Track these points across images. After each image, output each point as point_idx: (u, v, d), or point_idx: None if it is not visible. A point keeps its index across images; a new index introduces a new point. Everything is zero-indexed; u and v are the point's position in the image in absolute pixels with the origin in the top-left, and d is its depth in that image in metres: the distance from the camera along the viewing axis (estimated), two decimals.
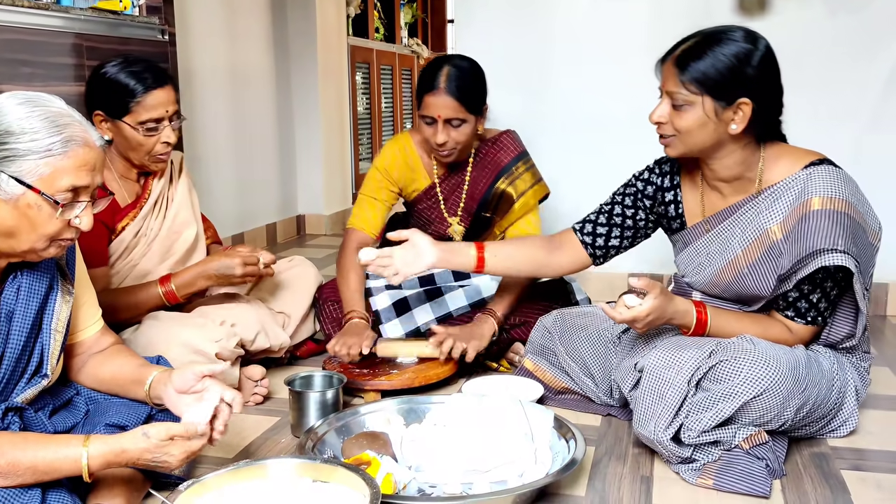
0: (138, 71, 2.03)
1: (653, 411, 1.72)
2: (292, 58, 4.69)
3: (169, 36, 2.79)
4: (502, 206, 2.50)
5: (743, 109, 1.74)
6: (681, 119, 1.77)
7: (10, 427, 1.43)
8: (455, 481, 1.64)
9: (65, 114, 1.38)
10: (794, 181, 1.79)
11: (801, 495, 1.65)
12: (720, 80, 1.72)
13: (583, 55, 3.29)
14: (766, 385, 1.67)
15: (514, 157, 2.50)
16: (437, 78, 2.31)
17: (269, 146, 4.52)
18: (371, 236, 2.53)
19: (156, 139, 2.05)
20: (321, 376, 2.05)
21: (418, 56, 7.00)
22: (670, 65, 1.77)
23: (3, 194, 1.34)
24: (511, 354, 2.41)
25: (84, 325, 1.66)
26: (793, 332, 1.84)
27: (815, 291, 1.80)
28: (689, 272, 1.98)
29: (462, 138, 2.36)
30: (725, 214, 1.89)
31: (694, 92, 1.74)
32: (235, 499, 1.48)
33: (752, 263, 1.83)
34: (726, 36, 1.75)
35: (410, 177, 2.55)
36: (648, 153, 3.18)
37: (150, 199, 2.16)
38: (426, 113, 2.34)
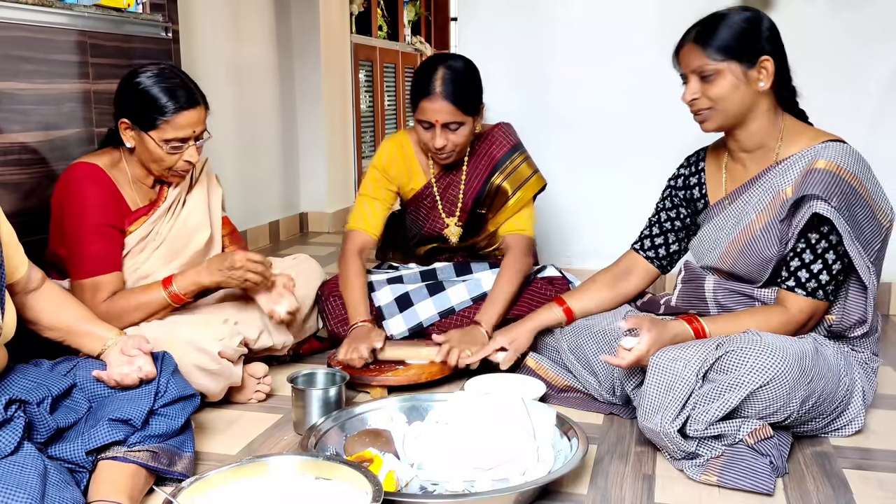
0: (172, 88, 2.01)
1: (660, 403, 1.72)
2: (295, 55, 4.69)
3: (172, 33, 2.79)
4: (497, 202, 2.49)
5: (766, 67, 1.86)
6: (714, 88, 1.87)
7: (15, 420, 1.44)
8: (457, 479, 1.64)
9: None
10: (809, 152, 1.88)
11: (803, 494, 1.65)
12: (741, 42, 1.85)
13: (585, 51, 3.29)
14: (772, 374, 1.68)
15: (508, 150, 2.49)
16: (432, 82, 2.28)
17: (272, 144, 4.52)
18: (372, 237, 2.52)
19: (178, 157, 2.05)
20: (324, 374, 2.06)
21: (421, 54, 6.99)
22: (690, 46, 1.88)
23: None
24: None
25: (16, 265, 1.69)
26: (790, 308, 1.85)
27: (815, 261, 1.83)
28: (702, 252, 2.04)
29: (461, 140, 2.35)
30: (746, 187, 1.97)
31: (720, 59, 1.84)
32: (238, 496, 1.49)
33: (763, 226, 1.90)
34: (731, 10, 1.91)
35: (407, 176, 2.55)
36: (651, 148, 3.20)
37: (165, 204, 2.15)
38: (423, 118, 2.32)
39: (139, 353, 1.69)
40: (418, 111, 2.32)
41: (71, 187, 2.02)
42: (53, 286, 1.80)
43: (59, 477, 1.41)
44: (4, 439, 1.40)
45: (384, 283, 2.52)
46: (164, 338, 1.88)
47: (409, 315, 2.44)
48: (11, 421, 1.43)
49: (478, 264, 2.58)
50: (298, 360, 2.49)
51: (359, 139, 5.47)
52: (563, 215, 3.37)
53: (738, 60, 1.85)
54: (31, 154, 2.22)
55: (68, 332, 1.77)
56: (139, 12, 2.67)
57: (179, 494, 1.43)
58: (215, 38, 3.86)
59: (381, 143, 2.59)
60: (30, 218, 2.16)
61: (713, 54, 1.85)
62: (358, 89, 5.43)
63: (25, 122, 2.20)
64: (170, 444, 1.66)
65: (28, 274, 1.73)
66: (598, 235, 3.38)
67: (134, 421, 1.59)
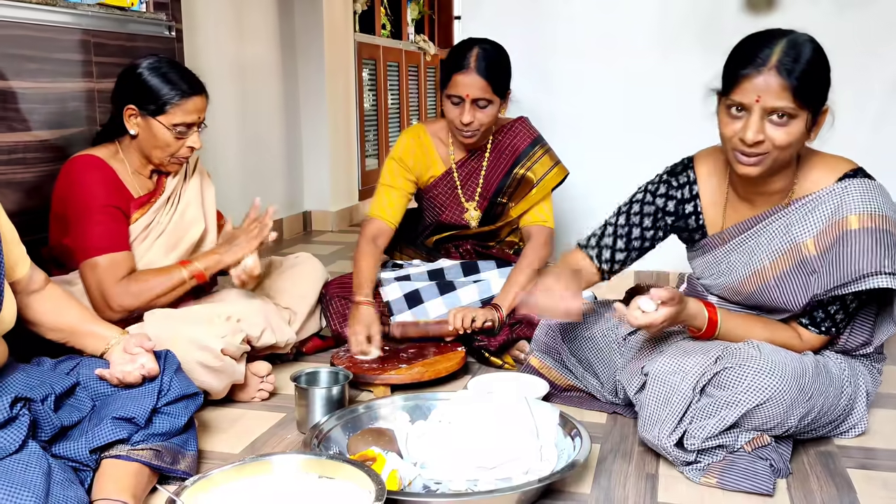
0: (181, 74, 2.09)
1: (657, 416, 1.72)
2: (299, 54, 4.69)
3: (176, 32, 2.79)
4: (520, 191, 2.54)
5: (822, 119, 1.67)
6: (784, 135, 1.62)
7: (20, 418, 1.44)
8: (460, 478, 1.64)
9: None
10: (830, 195, 1.71)
11: (806, 494, 1.65)
12: (820, 89, 1.63)
13: (589, 49, 3.29)
14: (769, 394, 1.66)
15: (532, 141, 2.56)
16: (467, 57, 2.35)
17: (275, 142, 4.52)
18: (390, 225, 2.55)
19: (182, 142, 2.10)
20: (327, 372, 2.06)
21: (425, 52, 6.99)
22: (774, 76, 1.59)
23: None
24: (516, 352, 2.41)
25: (16, 263, 1.70)
26: (803, 340, 1.82)
27: (834, 303, 1.77)
28: (706, 277, 1.95)
29: (486, 119, 2.40)
30: (751, 223, 1.82)
31: (801, 106, 1.60)
32: (241, 494, 1.49)
33: (779, 276, 1.78)
34: (809, 40, 1.64)
35: (426, 165, 2.58)
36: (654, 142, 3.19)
37: (164, 194, 2.18)
38: (454, 92, 2.37)
39: (141, 351, 1.69)
40: (450, 85, 2.38)
41: (73, 176, 2.05)
42: (56, 288, 1.81)
43: (63, 476, 1.42)
44: (9, 437, 1.40)
45: (392, 280, 2.54)
46: (167, 336, 1.88)
47: (418, 312, 2.46)
48: (16, 419, 1.43)
49: (485, 263, 2.59)
50: (301, 358, 2.49)
51: (362, 138, 5.47)
52: (569, 211, 3.37)
53: (812, 110, 1.62)
54: (35, 153, 2.22)
55: (71, 333, 1.77)
56: (143, 11, 2.67)
57: (183, 493, 1.43)
58: (219, 37, 3.86)
59: (399, 136, 2.65)
60: (33, 217, 2.17)
61: (797, 96, 1.58)
62: (361, 88, 5.43)
63: (29, 120, 2.20)
64: (173, 442, 1.66)
65: (29, 274, 1.74)
66: None
67: (137, 419, 1.60)
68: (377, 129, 5.85)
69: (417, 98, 6.86)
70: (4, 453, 1.38)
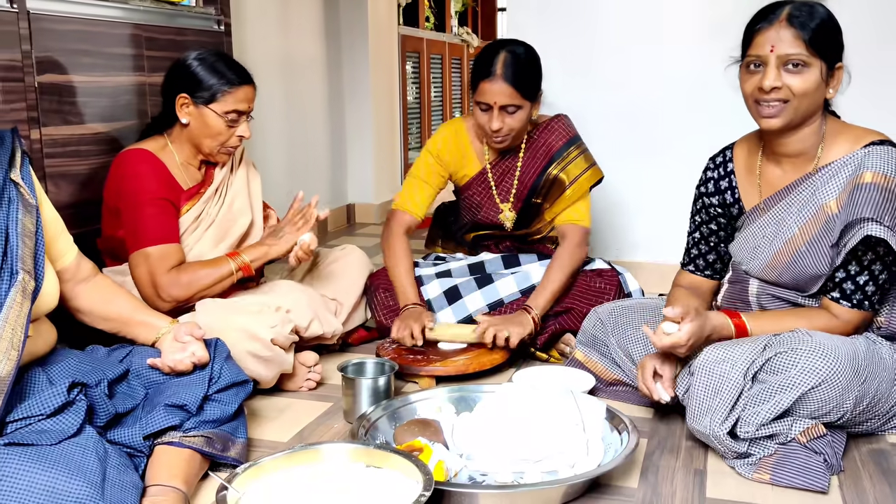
0: (231, 65, 2.16)
1: (708, 405, 1.70)
2: (344, 47, 4.72)
3: (224, 26, 2.82)
4: (553, 193, 2.49)
5: (837, 74, 1.76)
6: (801, 81, 1.72)
7: (77, 403, 1.48)
8: (506, 470, 1.64)
9: None
10: (852, 159, 1.77)
11: (859, 492, 1.62)
12: (833, 42, 1.73)
13: (635, 42, 3.25)
14: (823, 376, 1.64)
15: (567, 141, 2.50)
16: (493, 64, 2.30)
17: (320, 135, 4.55)
18: (417, 218, 2.55)
19: (233, 131, 2.14)
20: (373, 363, 2.07)
21: (468, 45, 6.98)
22: (784, 27, 1.72)
23: None
24: (562, 345, 2.40)
25: (63, 252, 1.73)
26: (838, 317, 1.80)
27: (861, 273, 1.76)
28: (744, 258, 1.95)
29: (517, 125, 2.36)
30: (783, 194, 1.86)
31: (814, 54, 1.71)
32: (291, 482, 1.51)
33: (809, 241, 1.80)
34: (818, 3, 1.77)
35: (461, 162, 2.56)
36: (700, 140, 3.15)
37: (213, 185, 2.21)
38: (482, 99, 2.33)
39: (192, 340, 1.72)
40: (478, 93, 2.35)
41: (124, 170, 2.09)
42: (106, 278, 1.85)
43: (118, 460, 1.45)
44: (67, 421, 1.44)
45: (433, 277, 2.54)
46: (219, 326, 1.91)
47: (458, 307, 2.45)
48: (73, 403, 1.47)
49: (526, 256, 2.58)
50: (347, 349, 2.51)
51: (405, 131, 5.48)
52: (613, 208, 3.35)
53: (826, 60, 1.72)
54: (88, 145, 2.27)
55: (122, 323, 1.80)
56: (192, 6, 2.71)
57: (234, 480, 1.45)
58: (265, 32, 3.90)
59: (439, 128, 2.62)
60: (86, 207, 2.22)
61: (809, 44, 1.70)
62: (405, 81, 5.45)
63: (83, 113, 2.25)
64: (223, 429, 1.69)
65: (77, 263, 1.77)
66: (646, 228, 3.35)
67: (189, 406, 1.63)
68: (420, 121, 5.86)
69: (460, 91, 6.85)
70: (63, 436, 1.41)
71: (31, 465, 1.30)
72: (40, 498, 1.28)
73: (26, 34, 2.05)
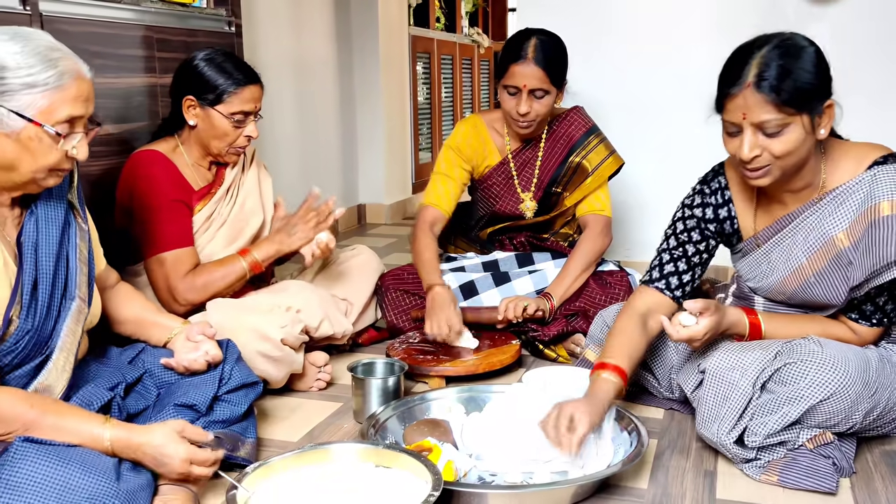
0: (237, 64, 2.15)
1: (716, 413, 1.69)
2: (355, 48, 4.73)
3: (235, 27, 2.83)
4: (575, 180, 2.54)
5: (828, 112, 1.63)
6: (780, 144, 1.60)
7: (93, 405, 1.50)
8: (515, 470, 1.65)
9: (55, 47, 1.42)
10: (859, 184, 1.67)
11: (871, 493, 1.61)
12: (814, 91, 1.59)
13: (644, 42, 3.24)
14: (833, 389, 1.62)
15: (586, 131, 2.55)
16: (524, 48, 2.35)
17: (331, 136, 4.56)
18: (444, 213, 2.56)
19: (240, 132, 2.14)
20: (383, 363, 2.08)
21: (479, 45, 6.98)
22: (751, 93, 1.58)
23: (3, 128, 1.37)
24: (571, 345, 2.40)
25: (96, 261, 1.73)
26: (857, 333, 1.78)
27: (881, 294, 1.73)
28: (752, 279, 1.91)
29: (543, 110, 2.40)
30: (785, 222, 1.78)
31: (791, 113, 1.57)
32: (301, 481, 1.51)
33: (818, 272, 1.74)
34: (793, 43, 1.62)
35: (482, 154, 2.59)
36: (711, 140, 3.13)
37: (224, 185, 2.22)
38: (511, 82, 2.37)
39: (204, 339, 1.73)
40: (507, 76, 2.38)
41: (138, 171, 2.11)
42: (126, 285, 1.87)
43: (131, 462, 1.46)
44: None
45: (447, 271, 2.55)
46: (230, 326, 1.92)
47: (473, 303, 2.47)
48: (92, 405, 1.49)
49: (540, 254, 2.58)
50: (357, 349, 2.51)
51: (416, 131, 5.49)
52: (623, 207, 3.34)
53: (808, 111, 1.58)
54: (100, 146, 2.28)
55: (137, 325, 1.81)
56: (203, 7, 2.72)
57: (244, 479, 1.46)
58: (277, 32, 3.91)
59: (456, 126, 2.65)
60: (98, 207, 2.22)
61: (782, 106, 1.56)
62: (415, 81, 5.45)
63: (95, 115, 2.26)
64: (233, 429, 1.70)
65: (106, 273, 1.80)
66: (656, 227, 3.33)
67: (198, 406, 1.63)
68: (431, 122, 5.86)
69: (471, 91, 6.85)
70: None
71: (47, 462, 1.32)
72: (55, 492, 1.29)
73: None
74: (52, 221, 1.54)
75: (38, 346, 1.49)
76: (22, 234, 1.51)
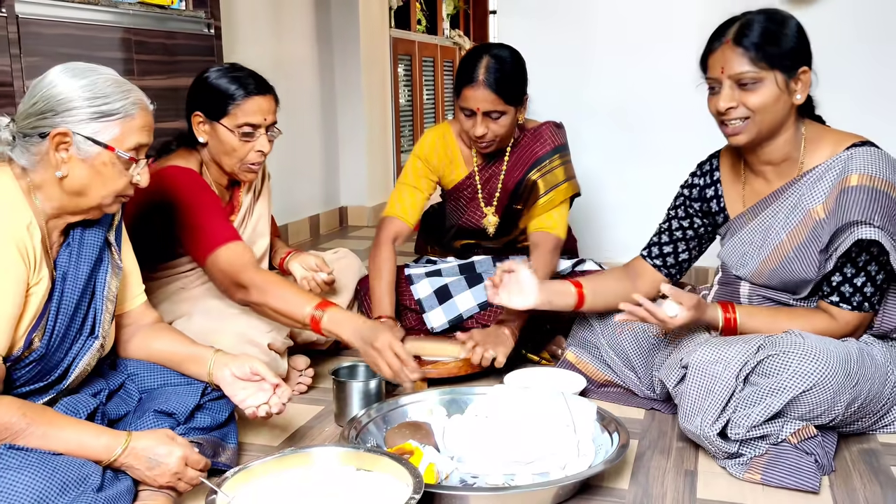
0: (242, 77, 2.02)
1: (699, 406, 1.70)
2: (336, 50, 4.72)
3: (215, 30, 2.83)
4: (531, 198, 2.46)
5: (803, 78, 1.76)
6: (755, 97, 1.74)
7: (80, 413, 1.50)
8: (497, 472, 1.64)
9: (124, 80, 1.54)
10: (836, 161, 1.78)
11: (849, 491, 1.63)
12: (787, 51, 1.73)
13: (627, 45, 3.26)
14: (815, 379, 1.64)
15: (551, 149, 2.44)
16: (476, 70, 2.26)
17: (312, 138, 4.55)
18: (408, 225, 2.51)
19: (250, 146, 2.02)
20: (365, 366, 2.07)
21: (460, 47, 6.99)
22: (728, 48, 1.74)
23: (80, 154, 1.45)
24: (553, 347, 2.40)
25: (131, 297, 1.72)
26: (837, 319, 1.79)
27: (858, 275, 1.76)
28: (733, 263, 1.96)
29: (501, 130, 2.33)
30: (769, 200, 1.88)
31: (764, 68, 1.72)
32: (281, 486, 1.51)
33: (797, 247, 1.81)
34: (775, 11, 1.79)
35: (449, 166, 2.54)
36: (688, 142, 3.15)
37: (241, 212, 2.16)
38: (465, 105, 2.31)
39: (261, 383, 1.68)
40: (461, 98, 2.32)
41: (179, 181, 1.99)
42: (172, 330, 1.79)
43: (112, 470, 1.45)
44: None
45: (423, 277, 2.53)
46: (215, 330, 1.91)
47: (448, 307, 2.44)
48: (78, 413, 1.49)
49: (516, 257, 2.57)
50: (339, 352, 2.50)
51: (398, 133, 5.49)
52: (602, 209, 3.35)
53: (781, 70, 1.73)
54: None
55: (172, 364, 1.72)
56: (182, 9, 2.71)
57: (224, 484, 1.45)
58: (256, 34, 3.90)
59: (424, 133, 2.59)
60: None
61: (758, 61, 1.71)
62: (397, 84, 5.45)
63: None
64: (214, 435, 1.69)
65: (142, 310, 1.75)
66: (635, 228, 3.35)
67: (178, 415, 1.62)
68: (412, 124, 5.86)
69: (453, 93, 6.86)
70: None
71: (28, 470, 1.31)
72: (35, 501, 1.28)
73: (15, 38, 2.05)
74: (84, 258, 1.56)
75: (42, 375, 1.51)
76: (57, 263, 1.53)
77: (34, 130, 1.45)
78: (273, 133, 2.07)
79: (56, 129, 1.43)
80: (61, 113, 1.44)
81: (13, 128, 1.48)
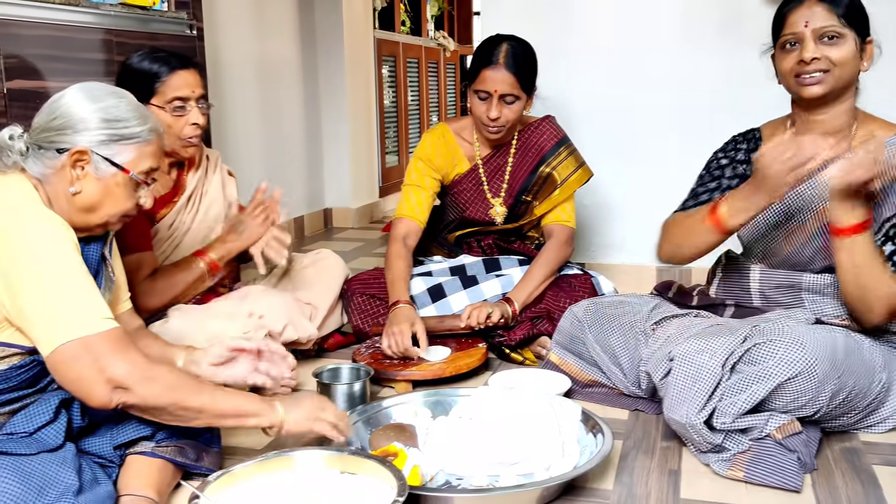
0: (163, 56, 2.07)
1: (685, 395, 1.71)
2: (319, 51, 4.71)
3: (197, 31, 2.81)
4: (545, 190, 2.55)
5: (869, 49, 1.85)
6: (838, 51, 1.81)
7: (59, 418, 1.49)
8: (481, 473, 1.64)
9: (140, 105, 1.58)
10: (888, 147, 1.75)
11: (831, 490, 1.64)
12: (862, 16, 1.83)
13: (610, 45, 3.27)
14: (801, 367, 1.65)
15: (557, 142, 2.57)
16: (496, 53, 2.37)
17: (296, 140, 4.54)
18: (418, 223, 2.55)
19: (184, 120, 2.07)
20: (348, 368, 2.07)
21: (444, 49, 6.99)
22: (815, 3, 1.81)
23: (96, 173, 1.50)
24: (537, 348, 2.40)
25: (117, 303, 1.72)
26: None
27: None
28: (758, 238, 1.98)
29: (513, 116, 2.41)
30: (813, 172, 1.85)
31: (846, 25, 1.80)
32: (264, 489, 1.50)
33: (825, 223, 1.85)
34: None
35: (452, 162, 2.60)
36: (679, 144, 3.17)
37: (185, 193, 2.19)
38: (482, 87, 2.38)
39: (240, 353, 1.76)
40: (478, 80, 2.39)
41: None
42: (148, 334, 1.82)
43: (91, 474, 1.44)
44: (51, 434, 1.45)
45: (414, 275, 2.55)
46: (191, 332, 1.90)
47: (441, 306, 2.46)
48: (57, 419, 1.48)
49: (507, 259, 2.59)
50: (323, 354, 2.50)
51: (382, 134, 5.48)
52: (592, 210, 3.36)
53: (858, 32, 1.82)
54: None
55: None
56: (164, 10, 2.70)
57: (206, 488, 1.44)
58: (240, 35, 3.89)
59: (423, 136, 2.65)
60: None
61: (840, 16, 1.80)
62: (381, 85, 5.44)
63: None
64: (196, 439, 1.67)
65: (127, 316, 1.74)
66: (625, 230, 3.37)
67: None
68: (397, 125, 5.85)
69: (437, 94, 6.85)
70: (46, 447, 1.42)
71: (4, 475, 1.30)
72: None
73: None
74: None
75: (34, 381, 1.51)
76: None
77: (51, 145, 1.48)
78: (203, 105, 2.11)
79: (76, 146, 1.47)
80: (81, 131, 1.48)
81: (27, 139, 1.50)
